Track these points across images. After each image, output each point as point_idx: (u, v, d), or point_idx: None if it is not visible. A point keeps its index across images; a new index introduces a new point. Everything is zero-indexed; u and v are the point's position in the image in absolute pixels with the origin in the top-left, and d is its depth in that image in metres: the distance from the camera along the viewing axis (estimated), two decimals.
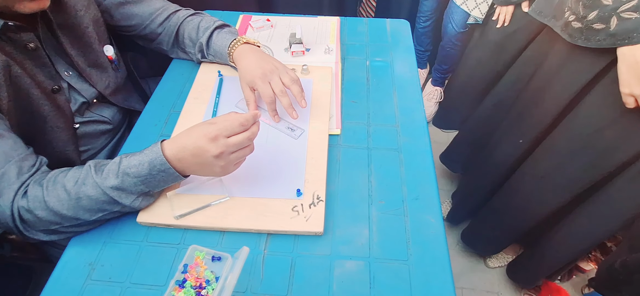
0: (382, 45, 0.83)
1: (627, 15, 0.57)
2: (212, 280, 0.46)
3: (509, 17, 0.99)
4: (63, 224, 0.47)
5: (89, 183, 0.46)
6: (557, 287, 1.09)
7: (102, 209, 0.47)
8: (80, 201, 0.46)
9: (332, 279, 0.47)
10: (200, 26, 0.69)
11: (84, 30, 0.60)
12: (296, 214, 0.52)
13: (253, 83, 0.59)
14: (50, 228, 0.47)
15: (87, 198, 0.46)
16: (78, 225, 0.48)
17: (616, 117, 0.64)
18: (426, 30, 1.48)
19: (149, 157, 0.46)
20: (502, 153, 0.94)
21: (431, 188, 0.57)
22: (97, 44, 0.63)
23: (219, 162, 0.46)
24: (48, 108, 0.56)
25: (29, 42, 0.52)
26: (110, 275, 0.48)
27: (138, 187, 0.47)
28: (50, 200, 0.45)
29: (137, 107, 0.76)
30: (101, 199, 0.46)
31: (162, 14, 0.70)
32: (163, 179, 0.48)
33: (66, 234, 0.49)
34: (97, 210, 0.47)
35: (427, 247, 0.50)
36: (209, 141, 0.45)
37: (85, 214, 0.47)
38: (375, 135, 0.64)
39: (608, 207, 0.74)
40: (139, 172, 0.46)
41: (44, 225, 0.47)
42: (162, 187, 0.50)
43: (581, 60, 0.69)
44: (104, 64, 0.66)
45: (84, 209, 0.46)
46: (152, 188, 0.49)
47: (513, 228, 0.97)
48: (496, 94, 1.02)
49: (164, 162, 0.46)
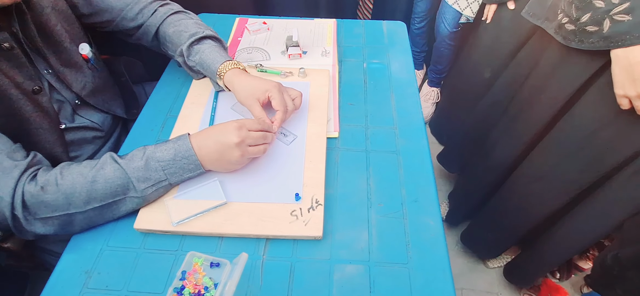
0: (378, 47, 0.83)
1: (620, 17, 0.57)
2: (210, 286, 0.45)
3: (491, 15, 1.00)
4: (69, 211, 0.47)
5: (109, 166, 0.48)
6: (557, 286, 1.10)
7: (115, 194, 0.48)
8: (96, 184, 0.47)
9: (332, 284, 0.47)
10: (182, 32, 0.66)
11: (53, 28, 0.58)
12: (295, 219, 0.51)
13: (269, 92, 0.58)
14: (52, 216, 0.47)
15: (103, 180, 0.47)
16: (82, 216, 0.48)
17: (611, 119, 0.65)
18: (421, 31, 1.49)
19: (175, 143, 0.51)
20: (498, 154, 0.95)
21: (430, 190, 0.57)
22: (68, 42, 0.61)
23: (237, 150, 0.51)
24: (30, 109, 0.55)
25: (3, 42, 0.51)
26: (107, 282, 0.47)
27: (157, 173, 0.50)
28: (64, 183, 0.46)
29: (118, 111, 0.73)
30: (117, 182, 0.48)
31: (133, 8, 0.66)
32: (183, 167, 0.51)
33: (63, 229, 0.48)
34: (109, 195, 0.48)
35: (426, 250, 0.50)
36: (234, 128, 0.51)
37: (95, 201, 0.47)
38: (373, 138, 0.64)
39: (605, 206, 0.74)
40: (163, 156, 0.50)
41: (47, 212, 0.46)
42: (179, 179, 0.52)
43: (575, 62, 0.69)
44: (79, 63, 0.63)
45: (97, 193, 0.47)
46: (169, 178, 0.51)
47: (512, 229, 0.98)
48: (492, 95, 1.02)
49: (189, 148, 0.51)
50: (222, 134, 0.51)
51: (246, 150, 0.52)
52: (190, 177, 0.53)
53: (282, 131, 0.62)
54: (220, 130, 0.52)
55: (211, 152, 0.52)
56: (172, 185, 0.53)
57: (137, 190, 0.49)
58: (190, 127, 0.63)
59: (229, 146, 0.51)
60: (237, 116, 0.65)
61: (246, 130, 0.52)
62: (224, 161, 0.53)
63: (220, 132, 0.52)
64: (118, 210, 0.50)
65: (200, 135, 0.53)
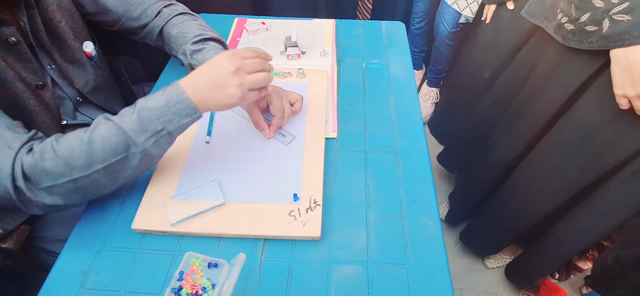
0: (377, 47, 0.83)
1: (619, 17, 0.57)
2: (208, 287, 0.45)
3: (491, 14, 1.00)
4: (72, 177, 0.45)
5: (103, 125, 0.46)
6: (556, 287, 1.10)
7: (116, 152, 0.45)
8: (93, 144, 0.45)
9: (330, 284, 0.47)
10: (186, 34, 0.66)
11: (57, 24, 0.59)
12: (293, 219, 0.51)
13: (267, 97, 0.59)
14: (56, 184, 0.45)
15: (100, 139, 0.45)
16: (88, 180, 0.46)
17: (610, 118, 0.65)
18: (420, 31, 1.49)
19: (165, 90, 0.47)
20: (498, 154, 0.95)
21: (428, 191, 0.57)
22: (72, 39, 0.61)
23: (235, 79, 0.47)
24: (33, 103, 0.55)
25: (10, 37, 0.51)
26: (105, 283, 0.47)
27: (153, 123, 0.46)
28: (61, 148, 0.44)
29: (118, 110, 0.74)
30: (115, 140, 0.45)
31: (137, 7, 0.67)
32: (178, 113, 0.47)
33: (71, 197, 0.47)
34: (110, 155, 0.45)
35: (425, 250, 0.50)
36: (226, 58, 0.48)
37: (97, 162, 0.45)
38: (371, 138, 0.64)
39: (604, 206, 0.74)
40: (155, 105, 0.46)
41: (50, 180, 0.44)
42: (176, 126, 0.48)
43: (575, 61, 0.69)
44: (82, 60, 0.64)
45: (96, 154, 0.45)
46: (167, 126, 0.47)
47: (511, 228, 0.98)
48: (492, 95, 1.02)
49: (181, 91, 0.47)
50: (215, 68, 0.48)
51: (244, 79, 0.48)
52: (188, 122, 0.49)
53: (280, 132, 0.62)
54: (211, 64, 0.48)
55: (205, 88, 0.48)
56: (172, 134, 0.48)
57: (137, 143, 0.46)
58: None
59: (224, 76, 0.47)
60: (236, 116, 0.65)
61: (239, 57, 0.48)
62: (221, 95, 0.48)
63: (212, 67, 0.48)
64: (124, 169, 0.47)
65: (191, 76, 0.48)
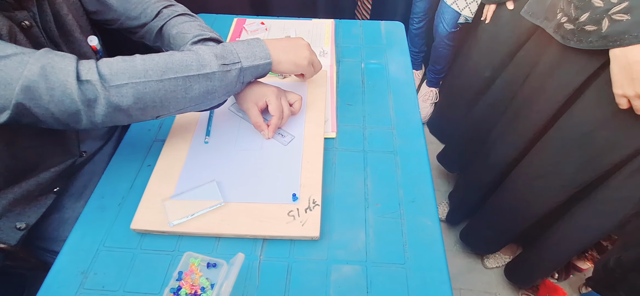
0: (376, 47, 0.83)
1: (618, 17, 0.57)
2: (207, 287, 0.45)
3: (490, 14, 1.00)
4: (145, 79, 0.46)
5: (182, 52, 0.50)
6: (555, 286, 1.10)
7: (189, 66, 0.48)
8: (173, 56, 0.49)
9: (329, 284, 0.47)
10: (185, 34, 0.66)
11: (64, 17, 0.59)
12: (292, 219, 0.51)
13: (266, 97, 0.59)
14: (129, 83, 0.45)
15: (181, 55, 0.49)
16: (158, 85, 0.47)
17: (610, 118, 0.65)
18: (420, 31, 1.49)
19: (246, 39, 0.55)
20: (498, 153, 0.95)
21: (427, 191, 0.57)
22: (78, 33, 0.62)
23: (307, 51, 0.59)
24: None
25: (24, 20, 0.52)
26: (104, 283, 0.47)
27: (233, 54, 0.52)
28: (138, 56, 0.47)
29: None
30: (194, 57, 0.49)
31: (137, 7, 0.67)
32: (255, 54, 0.54)
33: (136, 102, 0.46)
34: (184, 67, 0.48)
35: (424, 250, 0.50)
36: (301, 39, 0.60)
37: (171, 71, 0.47)
38: (371, 138, 0.64)
39: (604, 206, 0.74)
40: (237, 44, 0.53)
41: (124, 78, 0.45)
42: (251, 65, 0.53)
43: (574, 61, 0.69)
44: (88, 54, 0.65)
45: (173, 63, 0.48)
46: (243, 61, 0.53)
47: (510, 227, 0.98)
48: (492, 94, 1.02)
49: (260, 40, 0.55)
50: (293, 39, 0.59)
51: (314, 57, 0.60)
52: (260, 67, 0.55)
53: (279, 132, 0.62)
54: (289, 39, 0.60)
55: (283, 47, 0.57)
56: (242, 72, 0.53)
57: (212, 65, 0.50)
58: (187, 126, 0.63)
59: (301, 46, 0.58)
60: (236, 116, 0.65)
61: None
62: (294, 54, 0.57)
63: (291, 39, 0.59)
64: (191, 88, 0.49)
65: (271, 39, 0.57)
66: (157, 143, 0.62)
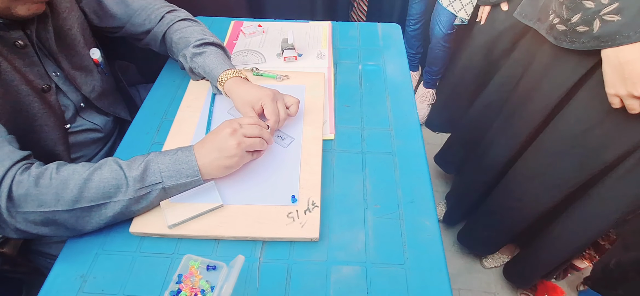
0: (374, 49, 0.83)
1: (610, 17, 0.58)
2: (207, 289, 0.45)
3: (485, 16, 1.02)
4: (55, 208, 0.45)
5: (107, 167, 0.48)
6: (553, 285, 1.11)
7: (106, 195, 0.47)
8: (90, 181, 0.46)
9: (329, 285, 0.47)
10: (188, 38, 0.67)
11: (67, 31, 0.60)
12: (291, 221, 0.51)
13: (262, 101, 0.59)
14: (36, 212, 0.45)
15: (98, 179, 0.47)
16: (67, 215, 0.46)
17: (603, 117, 0.66)
18: (416, 33, 1.50)
19: (180, 148, 0.52)
20: (494, 154, 0.95)
21: (426, 191, 0.57)
22: (81, 47, 0.63)
23: (233, 139, 0.51)
24: (38, 106, 0.56)
25: (18, 40, 0.52)
26: (103, 287, 0.47)
27: (155, 176, 0.49)
28: (58, 177, 0.46)
29: (123, 114, 0.75)
30: (111, 183, 0.47)
31: (140, 14, 0.68)
32: (181, 171, 0.50)
33: (42, 228, 0.47)
34: (99, 197, 0.47)
35: (423, 250, 0.51)
36: (225, 124, 0.53)
37: (84, 200, 0.46)
38: (369, 139, 0.64)
39: (599, 205, 0.75)
40: (164, 160, 0.50)
41: (33, 206, 0.44)
42: (174, 185, 0.50)
43: (567, 61, 0.70)
44: (90, 67, 0.66)
45: (89, 191, 0.46)
46: (165, 181, 0.49)
47: (508, 227, 0.98)
48: (487, 96, 1.03)
49: (191, 152, 0.51)
50: (216, 132, 0.53)
51: (242, 140, 0.52)
52: (186, 184, 0.51)
53: (278, 134, 0.63)
54: (214, 131, 0.54)
55: (209, 152, 0.51)
56: (166, 191, 0.50)
57: (129, 192, 0.47)
58: (186, 131, 0.63)
59: (224, 139, 0.52)
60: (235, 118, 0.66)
61: (238, 122, 0.54)
62: (223, 156, 0.51)
63: (214, 132, 0.53)
64: (105, 214, 0.48)
65: (201, 141, 0.53)
66: (156, 146, 0.62)
